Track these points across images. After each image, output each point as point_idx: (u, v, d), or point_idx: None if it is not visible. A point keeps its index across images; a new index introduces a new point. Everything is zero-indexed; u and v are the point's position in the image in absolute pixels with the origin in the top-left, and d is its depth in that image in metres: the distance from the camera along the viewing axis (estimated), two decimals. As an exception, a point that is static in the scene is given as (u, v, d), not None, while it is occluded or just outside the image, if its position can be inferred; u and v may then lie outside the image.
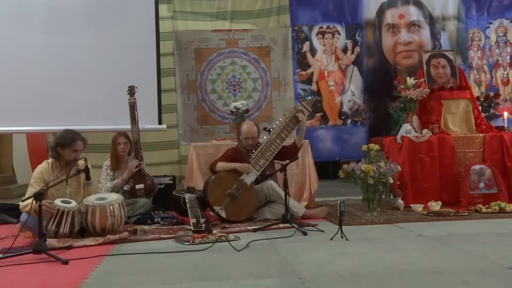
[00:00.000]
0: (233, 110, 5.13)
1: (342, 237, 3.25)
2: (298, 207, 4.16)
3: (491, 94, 5.55)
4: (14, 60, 5.20)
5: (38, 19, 5.31)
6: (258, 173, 4.07)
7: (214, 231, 3.51)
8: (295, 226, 3.57)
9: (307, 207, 4.54)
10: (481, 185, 4.56)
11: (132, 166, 4.23)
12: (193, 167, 4.79)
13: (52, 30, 5.32)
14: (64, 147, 3.57)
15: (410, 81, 4.92)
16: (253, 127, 4.27)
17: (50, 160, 3.64)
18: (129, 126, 4.41)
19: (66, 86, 5.28)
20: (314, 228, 3.63)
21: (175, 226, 3.87)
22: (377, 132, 5.99)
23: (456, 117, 5.08)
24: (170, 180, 5.02)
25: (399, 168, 4.29)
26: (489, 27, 6.57)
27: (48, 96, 5.21)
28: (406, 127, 4.79)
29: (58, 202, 3.38)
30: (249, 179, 4.04)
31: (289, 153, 4.18)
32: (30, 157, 6.12)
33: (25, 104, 5.14)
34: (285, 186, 3.76)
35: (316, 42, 6.32)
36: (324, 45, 6.33)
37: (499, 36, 6.57)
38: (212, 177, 4.10)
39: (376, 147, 4.41)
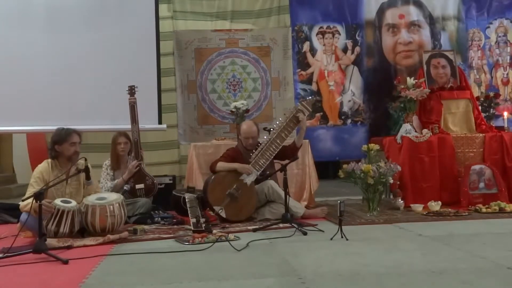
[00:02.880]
0: (233, 110, 5.13)
1: (342, 237, 3.25)
2: (298, 207, 4.16)
3: (491, 94, 5.55)
4: (14, 60, 5.20)
5: (38, 19, 5.30)
6: (258, 173, 4.07)
7: (214, 231, 3.51)
8: (295, 226, 3.57)
9: (307, 207, 4.55)
10: (481, 185, 4.56)
11: (132, 166, 4.23)
12: (193, 167, 4.79)
13: (52, 30, 5.32)
14: (61, 143, 3.59)
15: (410, 81, 4.92)
16: (253, 126, 4.28)
17: (50, 160, 3.65)
18: (129, 126, 4.41)
19: (66, 86, 5.27)
20: (314, 228, 3.63)
21: (175, 226, 3.88)
22: (377, 132, 5.98)
23: (456, 117, 5.08)
24: (170, 180, 5.03)
25: (399, 168, 4.30)
26: (489, 27, 6.56)
27: (48, 96, 5.21)
28: (406, 127, 4.80)
29: (58, 201, 3.38)
30: (249, 179, 4.04)
31: (289, 153, 4.18)
32: (30, 157, 6.12)
33: (25, 104, 5.14)
34: (285, 186, 3.76)
35: (316, 42, 6.31)
36: (324, 45, 6.32)
37: (499, 36, 6.56)
38: (212, 177, 4.10)
39: (376, 147, 4.42)
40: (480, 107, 5.27)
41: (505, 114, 5.30)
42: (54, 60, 5.29)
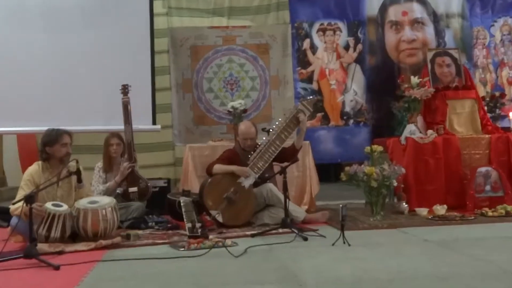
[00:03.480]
0: (231, 110, 5.13)
1: (344, 243, 3.26)
2: (298, 211, 4.17)
3: (497, 94, 5.58)
4: (4, 59, 5.19)
5: (30, 18, 5.27)
6: (257, 176, 4.07)
7: (210, 236, 3.52)
8: (295, 231, 3.58)
9: (307, 211, 4.56)
10: (487, 188, 4.58)
11: (124, 168, 4.23)
12: (188, 169, 4.80)
13: (44, 29, 5.29)
14: (52, 145, 3.60)
15: (414, 80, 4.94)
16: (251, 127, 4.29)
17: (40, 162, 3.66)
18: (122, 127, 4.40)
19: (57, 85, 5.26)
20: (315, 233, 3.64)
21: (170, 231, 3.88)
22: (380, 133, 5.98)
23: (461, 118, 5.10)
24: (164, 183, 5.03)
25: (403, 170, 4.31)
26: (493, 25, 6.58)
27: (39, 95, 5.19)
28: (410, 127, 4.81)
29: (49, 205, 3.39)
30: (247, 182, 4.05)
31: (289, 155, 4.18)
32: (20, 158, 6.11)
33: (15, 104, 5.12)
34: (285, 189, 3.77)
35: (317, 39, 6.31)
36: (325, 42, 6.32)
37: (504, 35, 6.58)
38: (209, 180, 4.11)
39: (380, 148, 4.42)
40: (485, 107, 5.29)
41: (511, 114, 5.32)
42: (44, 59, 5.27)
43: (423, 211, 4.38)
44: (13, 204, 3.36)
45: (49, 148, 3.62)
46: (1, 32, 5.20)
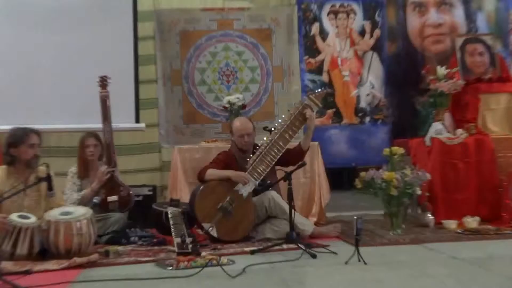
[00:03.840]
0: (227, 105, 5.14)
1: (359, 261, 3.26)
2: (305, 223, 4.18)
3: (537, 86, 5.57)
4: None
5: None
6: (257, 182, 4.08)
7: (203, 253, 3.51)
8: (302, 247, 3.58)
9: (316, 223, 4.58)
10: (526, 196, 4.58)
11: (101, 173, 4.24)
12: (177, 175, 4.81)
13: (9, 17, 5.32)
14: (17, 145, 3.64)
15: (441, 70, 4.96)
16: (248, 122, 4.34)
17: (4, 166, 3.68)
18: (100, 125, 4.42)
19: (24, 78, 5.27)
20: (325, 250, 3.65)
21: (156, 247, 3.89)
22: (402, 133, 6.00)
23: (496, 115, 5.12)
24: (149, 190, 5.07)
25: (428, 176, 4.32)
26: (532, 6, 6.61)
27: (2, 90, 5.20)
28: (436, 126, 4.83)
29: (14, 217, 3.39)
30: (245, 189, 4.05)
31: (294, 158, 4.19)
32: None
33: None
34: (290, 199, 3.77)
35: (327, 23, 6.33)
36: (337, 27, 6.34)
37: (543, 18, 6.60)
38: (201, 187, 4.11)
39: (401, 150, 4.43)
40: (524, 103, 5.30)
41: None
42: (9, 46, 5.28)
43: (451, 224, 4.39)
44: (-27, 215, 3.36)
45: (14, 149, 3.64)
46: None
